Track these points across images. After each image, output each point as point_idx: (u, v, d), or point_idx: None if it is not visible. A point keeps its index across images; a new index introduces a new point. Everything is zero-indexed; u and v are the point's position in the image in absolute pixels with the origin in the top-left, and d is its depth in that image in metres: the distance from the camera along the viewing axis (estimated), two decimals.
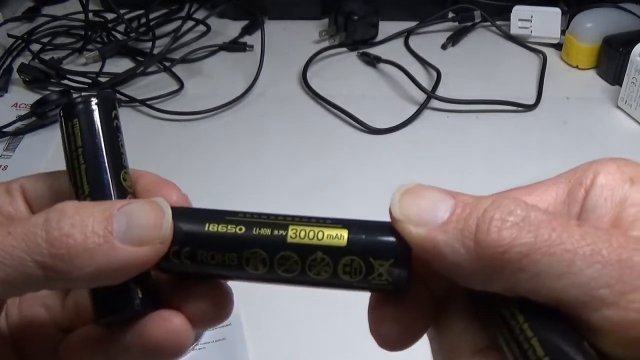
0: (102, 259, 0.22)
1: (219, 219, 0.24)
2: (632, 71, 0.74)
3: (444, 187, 0.24)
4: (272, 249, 0.23)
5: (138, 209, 0.23)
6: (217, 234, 0.23)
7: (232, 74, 0.85)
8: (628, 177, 0.23)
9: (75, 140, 0.26)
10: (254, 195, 0.67)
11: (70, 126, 0.26)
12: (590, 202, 0.23)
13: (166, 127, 0.76)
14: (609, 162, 0.23)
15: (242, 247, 0.23)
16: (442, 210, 0.22)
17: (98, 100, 0.26)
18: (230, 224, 0.23)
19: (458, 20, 0.93)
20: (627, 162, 0.24)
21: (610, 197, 0.23)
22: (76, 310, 0.28)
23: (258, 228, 0.23)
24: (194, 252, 0.23)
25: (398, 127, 0.75)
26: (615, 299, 0.19)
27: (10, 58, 0.87)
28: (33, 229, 0.22)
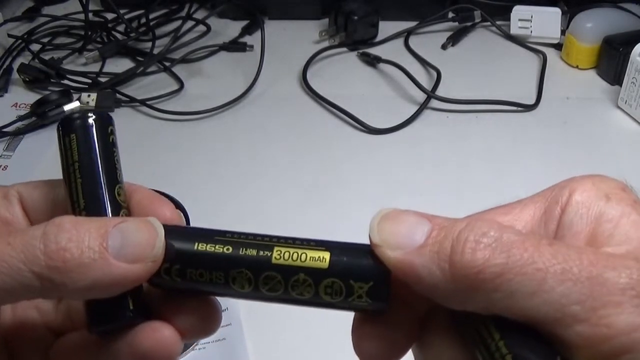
0: (96, 274, 0.23)
1: (208, 238, 0.25)
2: (632, 71, 0.74)
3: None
4: (257, 269, 0.24)
5: (132, 227, 0.24)
6: (206, 253, 0.24)
7: (232, 74, 0.85)
8: (603, 194, 0.24)
9: (72, 155, 0.26)
10: (254, 195, 0.67)
11: (67, 141, 0.27)
12: (567, 218, 0.24)
13: (166, 127, 0.76)
14: (585, 180, 0.24)
15: (228, 266, 0.24)
16: (419, 234, 0.23)
17: (95, 117, 0.27)
18: (219, 243, 0.24)
19: (458, 20, 0.93)
20: (602, 178, 0.24)
21: (586, 214, 0.23)
22: (68, 315, 0.28)
23: (244, 248, 0.24)
24: (184, 270, 0.24)
25: (398, 127, 0.75)
26: (586, 315, 0.20)
27: (10, 58, 0.87)
28: (32, 241, 0.22)
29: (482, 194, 0.66)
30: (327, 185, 0.68)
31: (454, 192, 0.66)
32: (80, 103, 0.77)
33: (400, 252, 0.23)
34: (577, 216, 0.24)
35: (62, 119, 0.27)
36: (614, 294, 0.20)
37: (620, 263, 0.21)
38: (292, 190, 0.67)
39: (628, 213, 0.23)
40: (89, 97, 0.77)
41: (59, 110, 0.75)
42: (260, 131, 0.76)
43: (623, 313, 0.20)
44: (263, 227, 0.67)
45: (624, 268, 0.20)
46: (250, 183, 0.68)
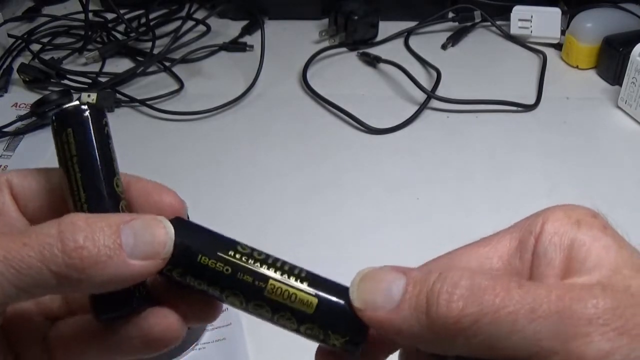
0: (112, 270, 0.23)
1: (211, 252, 0.26)
2: (632, 71, 0.74)
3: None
4: (250, 295, 0.26)
5: (144, 225, 0.25)
6: (206, 268, 0.25)
7: (232, 74, 0.85)
8: (574, 221, 0.25)
9: (70, 149, 0.27)
10: (254, 194, 0.67)
11: (64, 135, 0.27)
12: (541, 248, 0.25)
13: (166, 127, 0.76)
14: (556, 209, 0.26)
15: (224, 285, 0.26)
16: (395, 292, 0.24)
17: (90, 109, 0.27)
18: (220, 261, 0.26)
19: (458, 20, 0.93)
20: (573, 207, 0.26)
21: (559, 242, 0.25)
22: (64, 300, 0.29)
23: (242, 273, 0.26)
24: (184, 275, 0.26)
25: (398, 127, 0.75)
26: (559, 347, 0.21)
27: (10, 58, 0.87)
28: (48, 240, 0.23)
29: (482, 194, 0.66)
30: (327, 185, 0.68)
31: (454, 192, 0.66)
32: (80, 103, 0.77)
33: (381, 311, 0.24)
34: (550, 245, 0.25)
35: (56, 113, 0.27)
36: (582, 325, 0.21)
37: (586, 294, 0.22)
38: (292, 190, 0.67)
39: (599, 238, 0.24)
40: (89, 97, 0.77)
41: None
42: (260, 131, 0.76)
43: (592, 342, 0.21)
44: (263, 226, 0.67)
45: (590, 298, 0.22)
46: (250, 183, 0.68)
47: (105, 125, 0.28)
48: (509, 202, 0.65)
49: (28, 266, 0.23)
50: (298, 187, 0.67)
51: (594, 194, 0.66)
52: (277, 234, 0.62)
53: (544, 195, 0.66)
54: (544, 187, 0.67)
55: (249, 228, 0.62)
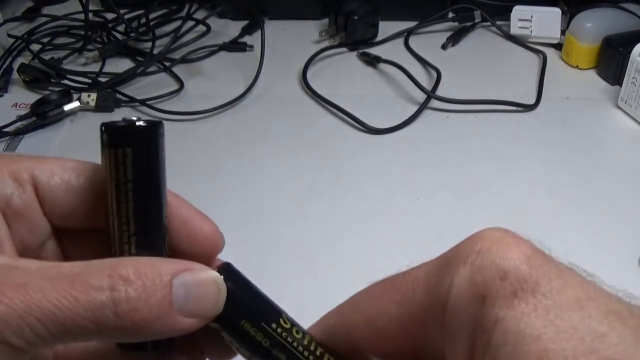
0: (159, 328, 0.23)
1: (255, 321, 0.25)
2: (632, 71, 0.74)
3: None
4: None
5: (197, 282, 0.23)
6: (246, 333, 0.25)
7: (232, 74, 0.85)
8: (479, 294, 0.20)
9: (125, 173, 0.24)
10: (254, 195, 0.67)
11: (120, 155, 0.24)
12: (450, 326, 0.21)
13: (166, 127, 0.76)
14: (464, 267, 0.21)
15: (258, 354, 0.25)
16: None
17: (153, 128, 0.25)
18: (261, 332, 0.25)
19: (458, 20, 0.93)
20: (483, 258, 0.21)
21: (462, 324, 0.21)
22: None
23: (279, 350, 0.25)
24: (222, 329, 0.25)
25: (398, 127, 0.75)
26: None
27: (10, 58, 0.87)
28: (99, 297, 0.21)
29: (482, 194, 0.66)
30: (327, 185, 0.68)
31: (454, 192, 0.66)
32: (80, 103, 0.77)
33: None
34: (455, 329, 0.21)
35: (112, 126, 0.24)
36: None
37: None
38: (292, 190, 0.67)
39: (501, 318, 0.20)
40: (89, 97, 0.77)
41: (59, 110, 0.76)
42: (260, 131, 0.76)
43: None
44: (263, 226, 0.67)
45: None
46: (250, 183, 0.68)
47: (162, 149, 0.25)
48: (509, 202, 0.65)
49: (77, 325, 0.21)
50: (298, 187, 0.67)
51: (594, 194, 0.66)
52: (277, 233, 0.62)
53: (544, 195, 0.66)
54: (544, 187, 0.67)
55: (249, 228, 0.62)
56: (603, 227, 0.61)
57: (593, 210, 0.64)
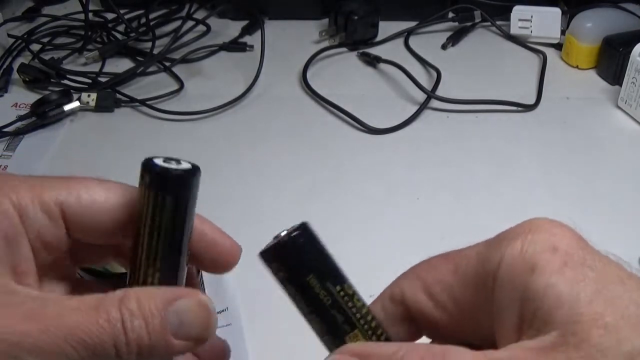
0: (159, 352, 0.25)
1: (321, 279, 0.26)
2: (632, 71, 0.74)
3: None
4: (331, 331, 0.27)
5: (189, 310, 0.26)
6: (310, 289, 0.26)
7: (232, 74, 0.85)
8: (529, 265, 0.23)
9: (162, 218, 0.26)
10: (254, 195, 0.67)
11: (159, 199, 0.26)
12: (499, 296, 0.24)
13: (166, 127, 0.76)
14: (515, 242, 0.23)
15: (316, 311, 0.27)
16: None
17: (194, 177, 0.27)
18: (325, 290, 0.26)
19: (458, 20, 0.93)
20: (534, 238, 0.23)
21: (513, 292, 0.23)
22: None
23: (337, 311, 0.27)
24: (285, 280, 0.27)
25: (398, 127, 0.75)
26: None
27: (10, 58, 0.87)
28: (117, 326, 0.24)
29: (482, 194, 0.66)
30: (327, 185, 0.68)
31: (454, 192, 0.66)
32: (80, 103, 0.77)
33: None
34: (506, 294, 0.23)
35: (155, 170, 0.25)
36: None
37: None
38: (292, 190, 0.67)
39: (553, 284, 0.22)
40: (89, 97, 0.77)
41: (59, 110, 0.76)
42: (260, 131, 0.76)
43: None
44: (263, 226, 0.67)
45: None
46: (250, 183, 0.68)
47: (197, 191, 0.27)
48: (509, 202, 0.65)
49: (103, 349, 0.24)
50: (298, 187, 0.67)
51: (594, 194, 0.66)
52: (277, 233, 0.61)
53: (543, 195, 0.66)
54: (543, 186, 0.67)
55: (248, 228, 0.62)
56: (603, 227, 0.61)
57: (593, 210, 0.64)
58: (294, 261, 0.26)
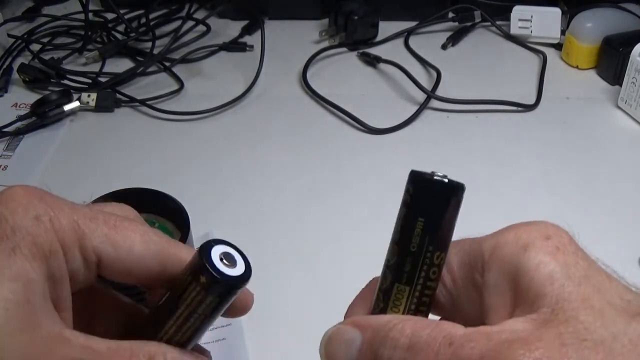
0: None
1: (430, 232, 0.27)
2: (632, 71, 0.74)
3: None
4: (394, 267, 0.29)
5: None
6: (413, 229, 0.27)
7: (232, 74, 0.85)
8: (522, 245, 0.24)
9: (205, 308, 0.28)
10: (254, 195, 0.67)
11: (209, 297, 0.28)
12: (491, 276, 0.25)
13: (166, 127, 0.76)
14: (510, 231, 0.25)
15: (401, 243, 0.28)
16: (353, 351, 0.26)
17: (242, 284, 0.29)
18: (421, 241, 0.27)
19: (458, 20, 0.93)
20: (529, 227, 0.25)
21: (506, 270, 0.24)
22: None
23: (412, 261, 0.27)
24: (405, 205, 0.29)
25: (398, 127, 0.75)
26: None
27: (10, 58, 0.87)
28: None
29: (482, 194, 0.66)
30: (327, 185, 0.68)
31: None
32: (80, 103, 0.77)
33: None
34: (499, 273, 0.25)
35: (212, 274, 0.28)
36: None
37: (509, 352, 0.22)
38: (292, 190, 0.67)
39: (545, 263, 0.23)
40: (89, 97, 0.77)
41: (59, 110, 0.76)
42: (260, 131, 0.76)
43: None
44: (263, 226, 0.67)
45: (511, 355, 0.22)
46: (250, 183, 0.68)
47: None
48: (509, 202, 0.65)
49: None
50: (298, 187, 0.67)
51: (594, 194, 0.66)
52: (277, 233, 0.62)
53: (543, 195, 0.66)
54: (543, 186, 0.67)
55: (248, 227, 0.62)
56: (603, 227, 0.61)
57: (593, 210, 0.64)
58: (432, 200, 0.28)
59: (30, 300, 0.25)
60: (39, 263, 0.26)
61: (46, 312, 0.26)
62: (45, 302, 0.26)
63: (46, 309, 0.26)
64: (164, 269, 0.29)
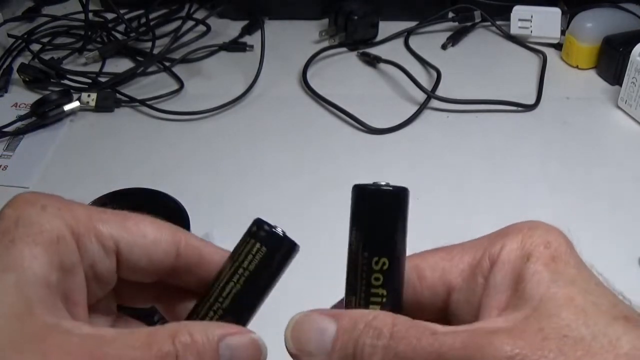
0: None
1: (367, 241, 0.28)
2: (632, 71, 0.74)
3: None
4: (347, 282, 0.28)
5: (240, 346, 0.26)
6: (350, 238, 0.29)
7: (232, 74, 0.85)
8: (525, 253, 0.25)
9: (249, 263, 0.28)
10: (254, 195, 0.67)
11: (254, 247, 0.28)
12: (494, 277, 0.26)
13: (166, 127, 0.76)
14: (517, 235, 0.26)
15: (349, 259, 0.28)
16: (327, 339, 0.25)
17: (289, 246, 0.29)
18: (356, 247, 0.28)
19: (458, 20, 0.93)
20: (532, 233, 0.26)
21: (509, 275, 0.25)
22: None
23: (353, 270, 0.28)
24: (352, 219, 0.29)
25: (398, 127, 0.75)
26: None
27: (10, 58, 0.88)
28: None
29: (482, 194, 0.66)
30: (327, 185, 0.68)
31: (454, 192, 0.66)
32: (80, 103, 0.77)
33: (315, 358, 0.26)
34: (502, 276, 0.26)
35: (264, 227, 0.29)
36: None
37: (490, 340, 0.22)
38: (292, 190, 0.67)
39: (538, 272, 0.25)
40: (89, 97, 0.77)
41: (59, 110, 0.76)
42: (260, 131, 0.76)
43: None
44: None
45: (491, 345, 0.22)
46: (250, 183, 0.68)
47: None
48: (508, 202, 0.65)
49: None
50: (298, 187, 0.67)
51: (594, 194, 0.66)
52: None
53: (543, 195, 0.66)
54: (544, 186, 0.67)
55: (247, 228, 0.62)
56: (603, 227, 0.61)
57: (593, 210, 0.64)
58: (360, 208, 0.29)
59: (24, 289, 0.24)
60: (42, 250, 0.25)
61: (44, 303, 0.24)
62: (47, 292, 0.25)
63: (46, 299, 0.25)
64: (179, 257, 0.29)
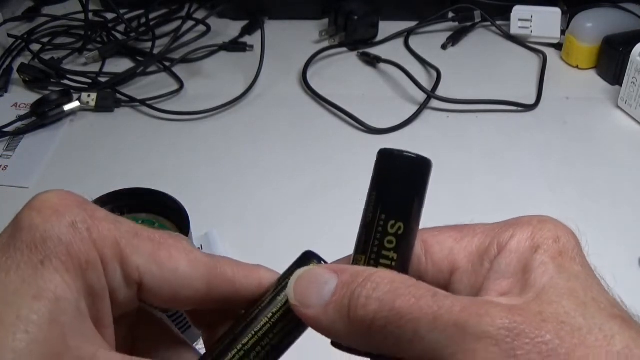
0: None
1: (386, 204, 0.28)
2: (632, 71, 0.74)
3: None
4: (358, 240, 0.29)
5: None
6: (369, 198, 0.29)
7: (232, 74, 0.85)
8: (534, 245, 0.26)
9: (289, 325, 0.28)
10: (254, 195, 0.67)
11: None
12: (500, 263, 0.26)
13: (166, 127, 0.76)
14: (528, 226, 0.26)
15: (364, 216, 0.29)
16: (327, 292, 0.25)
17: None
18: (374, 210, 0.28)
19: (458, 20, 0.93)
20: (543, 226, 0.26)
21: (515, 263, 0.25)
22: None
23: (367, 231, 0.29)
24: (373, 179, 0.29)
25: (398, 127, 0.75)
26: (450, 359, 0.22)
27: (10, 58, 0.87)
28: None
29: (482, 194, 0.66)
30: (327, 185, 0.68)
31: (454, 192, 0.66)
32: (80, 103, 0.77)
33: (311, 310, 0.25)
34: (508, 264, 0.26)
35: (315, 260, 0.29)
36: (471, 340, 0.22)
37: (489, 310, 0.22)
38: (292, 190, 0.67)
39: (545, 263, 0.25)
40: (89, 97, 0.77)
41: (59, 110, 0.76)
42: (260, 131, 0.76)
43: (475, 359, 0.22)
44: (263, 226, 0.67)
45: (490, 315, 0.22)
46: (250, 183, 0.68)
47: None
48: (509, 202, 0.65)
49: None
50: (298, 187, 0.67)
51: (594, 194, 0.66)
52: (277, 233, 0.62)
53: (544, 195, 0.66)
54: (544, 187, 0.67)
55: (249, 228, 0.62)
56: (603, 227, 0.61)
57: (593, 210, 0.64)
58: (384, 171, 0.28)
59: (58, 320, 0.22)
60: (74, 276, 0.24)
61: (79, 333, 0.23)
62: (80, 320, 0.24)
63: (80, 329, 0.23)
64: (210, 291, 0.27)
